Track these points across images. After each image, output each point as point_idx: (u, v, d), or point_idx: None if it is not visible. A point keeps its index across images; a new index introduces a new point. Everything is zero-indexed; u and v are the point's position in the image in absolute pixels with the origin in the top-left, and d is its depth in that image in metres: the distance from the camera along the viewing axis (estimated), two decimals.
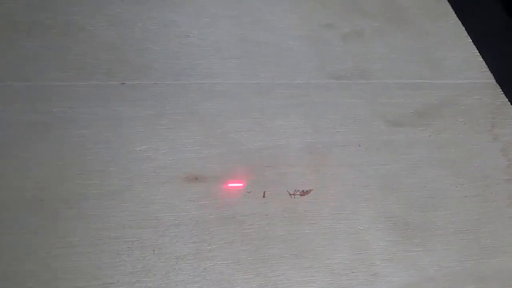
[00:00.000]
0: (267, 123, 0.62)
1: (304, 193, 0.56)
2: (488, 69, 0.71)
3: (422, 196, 0.57)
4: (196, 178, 0.56)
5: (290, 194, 0.56)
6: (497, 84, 0.69)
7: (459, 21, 0.78)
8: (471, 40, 0.75)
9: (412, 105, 0.66)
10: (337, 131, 0.62)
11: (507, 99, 0.68)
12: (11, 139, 0.57)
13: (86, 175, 0.55)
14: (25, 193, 0.53)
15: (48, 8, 0.71)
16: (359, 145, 0.61)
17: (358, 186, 0.57)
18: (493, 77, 0.70)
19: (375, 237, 0.54)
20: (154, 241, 0.51)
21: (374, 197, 0.57)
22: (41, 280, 0.47)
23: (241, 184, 0.56)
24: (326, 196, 0.56)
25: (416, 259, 0.52)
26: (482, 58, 0.73)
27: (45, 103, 0.61)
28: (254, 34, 0.73)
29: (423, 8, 0.80)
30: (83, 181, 0.54)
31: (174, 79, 0.65)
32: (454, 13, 0.79)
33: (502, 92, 0.68)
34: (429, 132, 0.63)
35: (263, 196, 0.55)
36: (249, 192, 0.55)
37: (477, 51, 0.74)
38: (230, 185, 0.56)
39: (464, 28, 0.77)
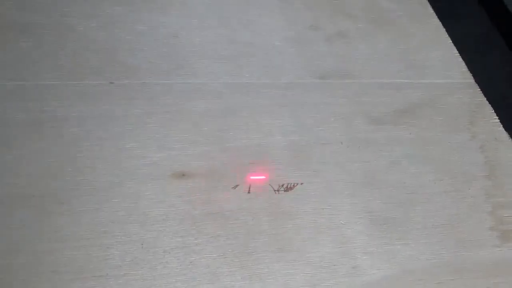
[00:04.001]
0: (253, 121, 0.64)
1: (288, 189, 0.58)
2: (467, 70, 0.73)
3: (402, 192, 0.59)
4: (183, 175, 0.57)
5: (275, 190, 0.57)
6: (476, 84, 0.71)
7: (440, 23, 0.80)
8: (451, 42, 0.77)
9: (393, 104, 0.68)
10: (321, 129, 0.64)
11: (485, 98, 0.69)
12: (4, 137, 0.58)
13: (77, 171, 0.56)
14: (17, 189, 0.54)
15: (40, 10, 0.72)
16: (342, 143, 0.63)
17: (340, 182, 0.59)
18: (472, 77, 0.72)
19: (356, 232, 0.55)
20: (142, 235, 0.52)
21: (356, 193, 0.58)
22: (34, 272, 0.49)
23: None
24: (309, 192, 0.58)
25: (396, 252, 0.54)
26: (462, 59, 0.74)
27: (37, 102, 0.62)
28: (241, 35, 0.74)
29: (406, 11, 0.81)
30: (74, 177, 0.56)
31: (162, 78, 0.66)
32: (435, 15, 0.81)
33: (481, 91, 0.70)
34: (409, 130, 0.65)
35: (248, 192, 0.57)
36: (234, 188, 0.57)
37: (457, 52, 0.75)
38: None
39: (445, 30, 0.79)
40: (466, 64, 0.74)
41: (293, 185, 0.58)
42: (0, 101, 0.62)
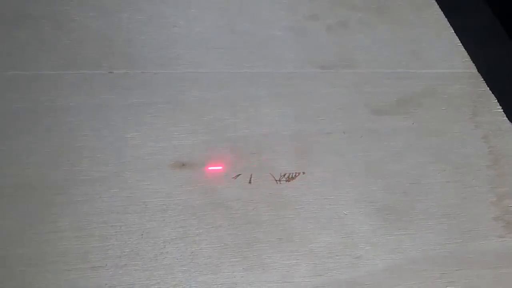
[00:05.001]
0: (253, 111, 0.63)
1: (289, 179, 0.57)
2: (469, 59, 0.72)
3: (405, 182, 0.59)
4: (183, 165, 0.57)
5: (276, 180, 0.57)
6: (479, 73, 0.71)
7: (442, 12, 0.79)
8: (453, 31, 0.76)
9: (395, 94, 0.67)
10: (322, 119, 0.63)
11: (488, 88, 0.69)
12: (1, 126, 0.58)
13: (75, 161, 0.56)
14: (14, 179, 0.54)
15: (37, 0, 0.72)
16: (344, 133, 0.62)
17: (342, 172, 0.58)
18: (474, 67, 0.71)
19: (359, 222, 0.55)
20: (142, 225, 0.52)
21: (358, 183, 0.58)
22: (32, 263, 0.48)
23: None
24: (311, 182, 0.57)
25: (399, 242, 0.53)
26: (464, 48, 0.74)
27: (35, 92, 0.61)
28: (241, 25, 0.74)
29: (407, 0, 0.81)
30: (72, 167, 0.55)
31: (161, 68, 0.66)
32: (437, 4, 0.80)
33: (484, 81, 0.70)
34: (412, 120, 0.64)
35: (249, 182, 0.56)
36: (235, 178, 0.56)
37: (459, 41, 0.75)
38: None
39: (447, 19, 0.78)
40: (468, 53, 0.73)
41: (295, 175, 0.57)
42: None
